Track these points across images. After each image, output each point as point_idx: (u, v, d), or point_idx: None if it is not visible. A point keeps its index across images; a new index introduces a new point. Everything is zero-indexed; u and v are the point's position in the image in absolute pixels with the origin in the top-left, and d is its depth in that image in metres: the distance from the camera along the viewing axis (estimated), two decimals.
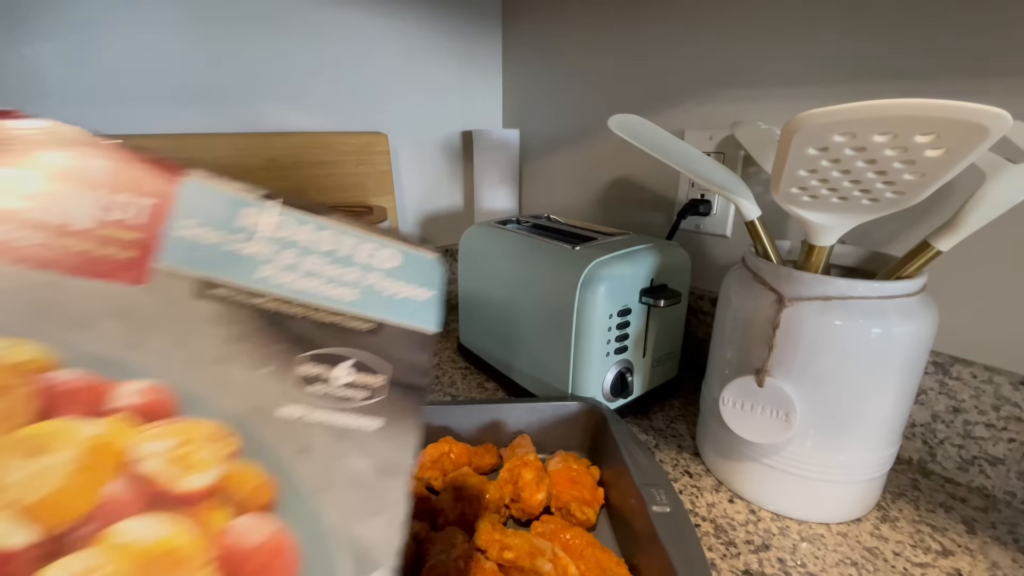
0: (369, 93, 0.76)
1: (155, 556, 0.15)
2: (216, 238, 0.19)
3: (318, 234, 0.21)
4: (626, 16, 0.69)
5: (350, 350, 0.20)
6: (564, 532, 0.37)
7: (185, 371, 0.18)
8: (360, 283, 0.21)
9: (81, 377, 0.17)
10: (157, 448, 0.17)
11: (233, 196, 0.21)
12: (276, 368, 0.19)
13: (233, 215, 0.20)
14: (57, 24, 0.52)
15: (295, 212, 0.21)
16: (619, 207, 0.77)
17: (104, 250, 0.18)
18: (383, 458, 0.19)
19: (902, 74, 0.47)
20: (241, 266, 0.19)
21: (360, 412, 0.20)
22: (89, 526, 0.15)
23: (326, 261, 0.21)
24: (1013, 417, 0.44)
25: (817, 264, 0.42)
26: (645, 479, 0.38)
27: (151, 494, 0.16)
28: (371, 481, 0.19)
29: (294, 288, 0.20)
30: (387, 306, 0.21)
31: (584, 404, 0.49)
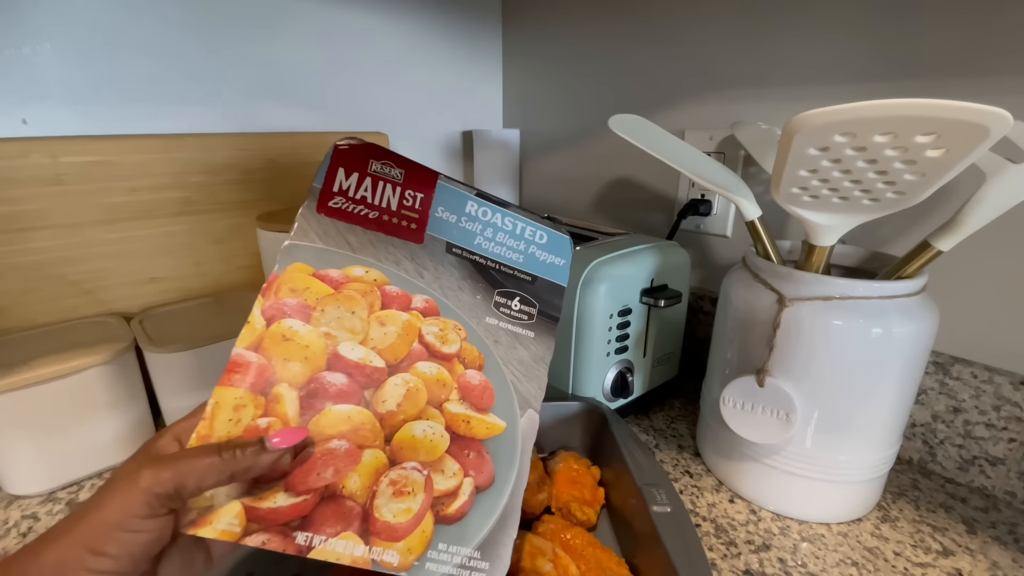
0: (369, 93, 0.76)
1: (434, 379, 0.31)
2: (454, 219, 0.34)
3: (503, 218, 0.35)
4: (626, 16, 0.69)
5: (519, 292, 0.34)
6: (565, 532, 0.37)
7: (441, 293, 0.33)
8: (524, 251, 0.35)
9: (398, 291, 0.32)
10: (432, 329, 0.32)
11: (459, 192, 0.35)
12: (483, 296, 0.34)
13: (461, 204, 0.35)
14: (57, 24, 0.52)
15: (489, 203, 0.35)
16: (619, 207, 0.77)
17: (403, 222, 0.33)
18: (535, 353, 0.33)
19: (902, 74, 0.47)
20: (466, 236, 0.34)
21: (524, 326, 0.34)
22: (406, 362, 0.31)
23: (507, 236, 0.35)
24: (1013, 417, 0.44)
25: (817, 264, 0.42)
26: (645, 479, 0.38)
27: (430, 351, 0.31)
28: (529, 363, 0.33)
29: (491, 252, 0.35)
30: (539, 267, 0.35)
31: (584, 404, 0.48)
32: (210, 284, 0.64)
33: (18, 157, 0.50)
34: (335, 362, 0.29)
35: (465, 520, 0.28)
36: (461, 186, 0.35)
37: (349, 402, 0.28)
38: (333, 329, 0.30)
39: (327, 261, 0.31)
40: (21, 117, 0.52)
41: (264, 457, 0.25)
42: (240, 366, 0.27)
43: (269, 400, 0.27)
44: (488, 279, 0.34)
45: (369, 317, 0.31)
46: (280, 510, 0.25)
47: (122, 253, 0.57)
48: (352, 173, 0.32)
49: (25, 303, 0.52)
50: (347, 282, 0.31)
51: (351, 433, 0.28)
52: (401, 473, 0.28)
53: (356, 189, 0.32)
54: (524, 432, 0.31)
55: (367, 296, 0.31)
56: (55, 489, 0.46)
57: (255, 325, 0.28)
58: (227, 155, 0.62)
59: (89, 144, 0.53)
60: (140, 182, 0.57)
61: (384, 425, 0.29)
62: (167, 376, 0.50)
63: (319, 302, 0.30)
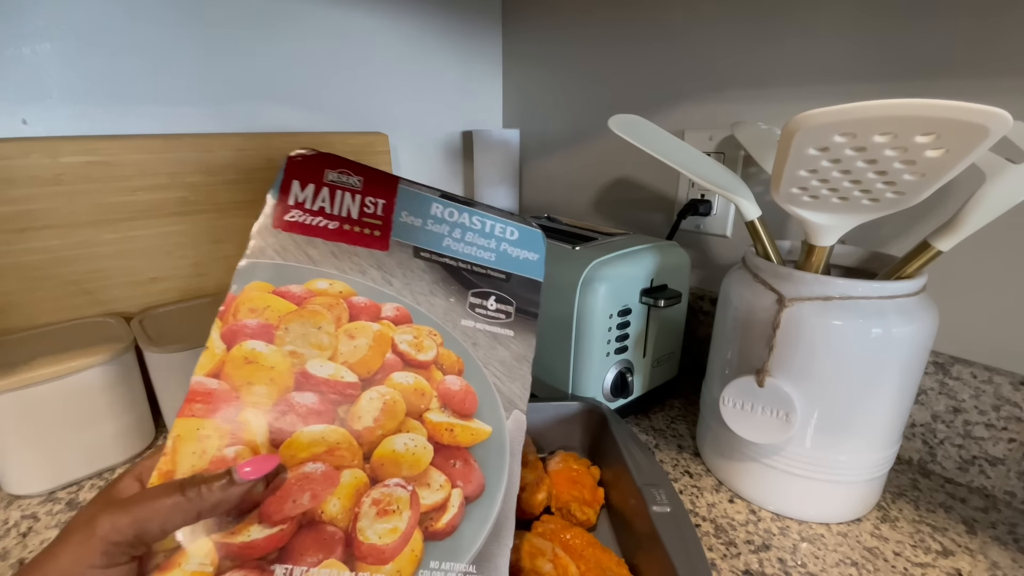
0: (369, 93, 0.76)
1: (412, 389, 0.29)
2: (419, 222, 0.33)
3: (471, 218, 0.34)
4: (626, 16, 0.69)
5: (494, 291, 0.33)
6: (564, 532, 0.37)
7: (412, 299, 0.31)
8: (496, 249, 0.34)
9: (366, 301, 0.31)
10: (406, 338, 0.31)
11: (423, 194, 0.34)
12: (456, 299, 0.32)
13: (426, 207, 0.33)
14: (57, 24, 0.52)
15: (455, 204, 0.34)
16: (619, 207, 0.77)
17: (366, 230, 0.32)
18: (516, 352, 0.33)
19: (902, 74, 0.47)
20: (433, 239, 0.33)
21: (502, 325, 0.33)
22: (380, 374, 0.29)
23: (476, 235, 0.34)
24: (1013, 417, 0.44)
25: (817, 264, 0.42)
26: (645, 479, 0.38)
27: (405, 360, 0.30)
28: (510, 362, 0.32)
29: (461, 253, 0.33)
30: (513, 263, 0.35)
31: (584, 404, 0.48)
32: (210, 284, 0.64)
33: (18, 157, 0.50)
34: (304, 381, 0.28)
35: (457, 533, 0.27)
36: (424, 188, 0.34)
37: (322, 421, 0.27)
38: (299, 347, 0.28)
39: (287, 277, 0.29)
40: (21, 117, 0.52)
41: (234, 490, 0.23)
42: (201, 394, 0.26)
43: (235, 428, 0.26)
44: (461, 281, 0.33)
45: (337, 331, 0.29)
46: (255, 543, 0.24)
47: (122, 253, 0.57)
48: (308, 184, 0.31)
49: (25, 303, 0.52)
50: (310, 297, 0.29)
51: (327, 454, 0.26)
52: (384, 491, 0.27)
53: (313, 200, 0.31)
54: (512, 435, 0.30)
55: (333, 309, 0.30)
56: (55, 489, 0.46)
57: (214, 350, 0.27)
58: (226, 155, 0.62)
59: (89, 144, 0.53)
60: (139, 182, 0.57)
61: (362, 442, 0.27)
62: (167, 376, 0.50)
63: (282, 320, 0.28)
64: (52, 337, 0.49)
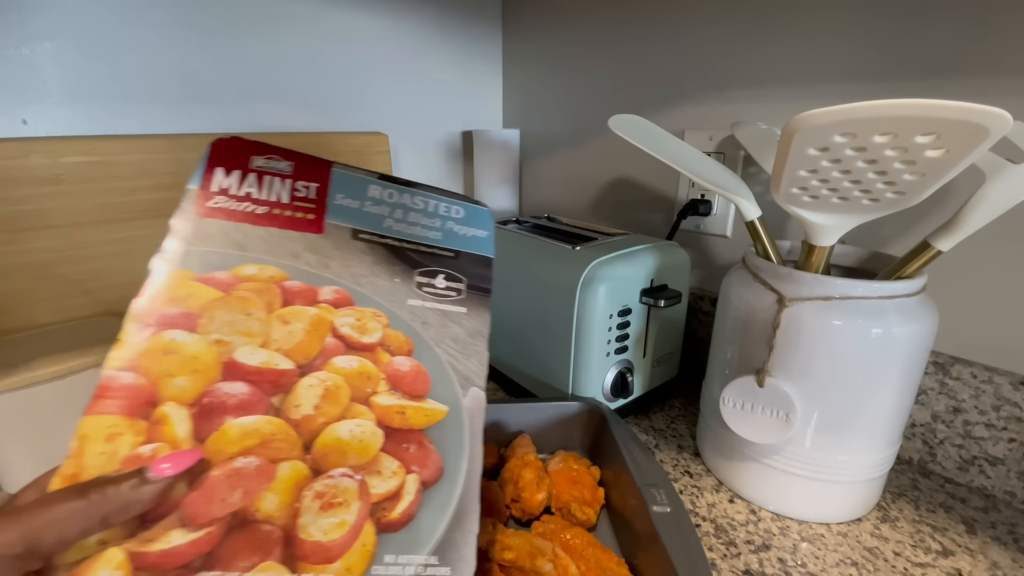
0: (369, 93, 0.76)
1: (357, 373, 0.28)
2: (356, 204, 0.32)
3: (412, 198, 0.33)
4: (626, 16, 0.69)
5: (443, 269, 0.32)
6: (564, 532, 0.37)
7: (353, 281, 0.30)
8: (442, 228, 0.33)
9: (301, 285, 0.29)
10: (347, 321, 0.29)
11: (359, 176, 0.32)
12: (402, 279, 0.31)
13: (363, 188, 0.32)
14: (57, 24, 0.52)
15: (395, 185, 0.33)
16: (619, 207, 0.77)
17: (298, 214, 0.30)
18: (470, 328, 0.31)
19: (902, 74, 0.47)
20: (373, 220, 0.32)
21: (453, 303, 0.32)
22: (320, 359, 0.28)
23: (420, 215, 0.33)
24: (1013, 417, 0.44)
25: (817, 264, 0.42)
26: (645, 479, 0.38)
27: (347, 344, 0.28)
28: (464, 339, 0.31)
29: (404, 233, 0.32)
30: (460, 241, 0.33)
31: (584, 404, 0.49)
32: None
33: (18, 157, 0.50)
34: (232, 371, 0.26)
35: (414, 523, 0.25)
36: (361, 172, 0.33)
37: (254, 412, 0.25)
38: (226, 335, 0.26)
39: (212, 264, 0.28)
40: (21, 117, 0.52)
41: (145, 490, 0.21)
42: (111, 389, 0.24)
43: (152, 423, 0.23)
44: (406, 261, 0.31)
45: (269, 317, 0.27)
46: (177, 550, 0.21)
47: (122, 253, 0.57)
48: (233, 171, 0.30)
49: (25, 303, 0.52)
50: (238, 283, 0.28)
51: (261, 447, 0.24)
52: (329, 483, 0.25)
53: (239, 186, 0.29)
54: (471, 412, 0.29)
55: (264, 295, 0.28)
56: None
57: (126, 342, 0.25)
58: None
59: (89, 144, 0.53)
60: (140, 182, 0.57)
61: (301, 432, 0.25)
62: None
63: (205, 308, 0.26)
64: (52, 337, 0.49)
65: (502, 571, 0.35)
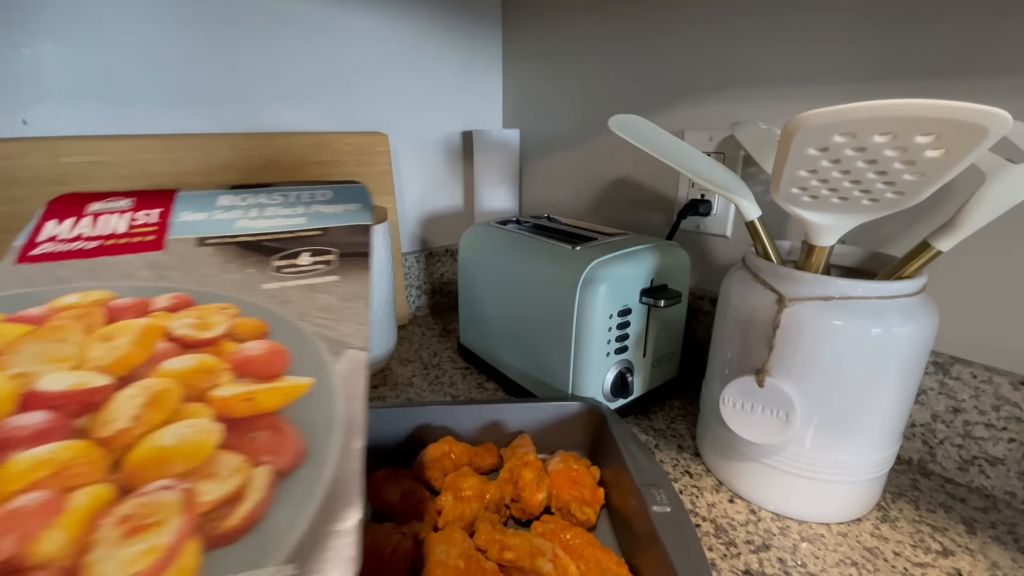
0: (369, 93, 0.76)
1: (193, 371, 0.26)
2: (203, 216, 0.32)
3: (269, 195, 0.34)
4: (626, 16, 0.69)
5: (307, 247, 0.32)
6: (564, 532, 0.37)
7: (197, 283, 0.29)
8: (306, 213, 0.34)
9: (131, 300, 0.28)
10: (185, 322, 0.28)
11: (207, 193, 0.34)
12: (257, 268, 0.30)
13: (211, 201, 0.33)
14: (57, 24, 0.52)
15: (249, 191, 0.34)
16: (619, 207, 0.77)
17: (135, 240, 0.31)
18: (345, 293, 0.30)
19: (902, 74, 0.47)
20: (223, 224, 0.32)
21: (323, 275, 0.30)
22: (147, 367, 0.26)
23: (278, 208, 0.34)
24: (1013, 417, 0.44)
25: (817, 264, 0.42)
26: (645, 479, 0.38)
27: (184, 344, 0.27)
28: (337, 305, 0.29)
29: (259, 228, 0.32)
30: (329, 219, 0.33)
31: (584, 404, 0.49)
32: None
33: (18, 157, 0.50)
34: (31, 401, 0.24)
35: (263, 525, 0.21)
36: (213, 190, 0.34)
37: (51, 440, 0.22)
38: (30, 367, 0.25)
39: (26, 303, 0.27)
40: (21, 117, 0.52)
41: None
42: None
43: None
44: (261, 251, 0.31)
45: (88, 338, 0.26)
46: None
47: None
48: (65, 220, 0.30)
49: None
50: (54, 314, 0.27)
51: (53, 478, 0.21)
52: (140, 502, 0.21)
53: (71, 229, 0.30)
54: (346, 376, 0.26)
55: (84, 319, 0.27)
56: None
57: None
58: (226, 155, 0.62)
59: (89, 144, 0.53)
60: (139, 182, 0.57)
61: (112, 449, 0.23)
62: None
63: (9, 346, 0.25)
64: None
65: (502, 571, 0.35)
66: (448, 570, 0.32)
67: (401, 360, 0.72)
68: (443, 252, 0.89)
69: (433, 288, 0.90)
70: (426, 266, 0.87)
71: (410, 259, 0.85)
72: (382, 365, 0.69)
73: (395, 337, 0.70)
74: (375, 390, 0.64)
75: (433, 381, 0.66)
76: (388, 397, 0.63)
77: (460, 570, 0.33)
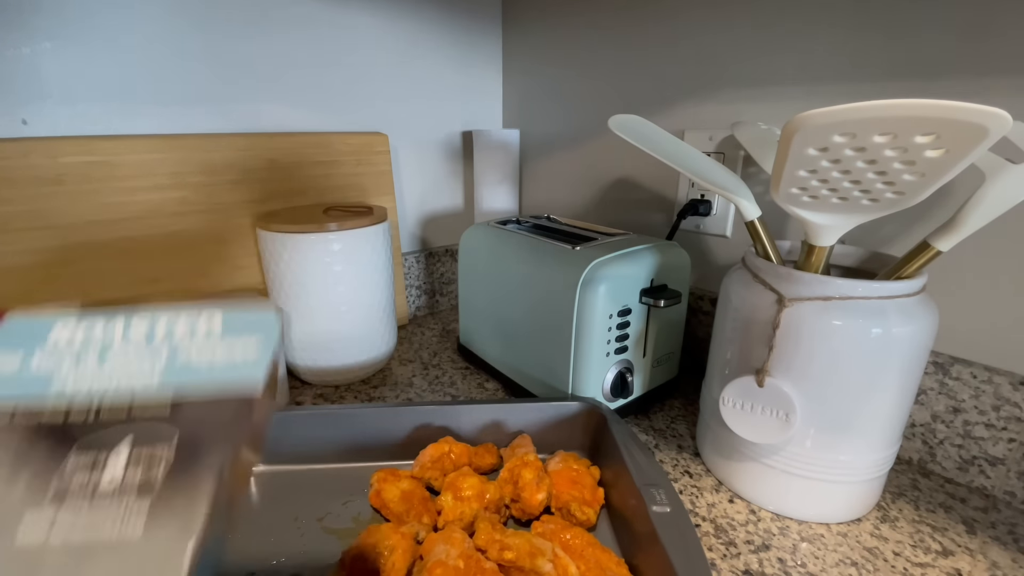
0: (369, 93, 0.76)
1: None
2: (16, 363, 0.20)
3: (126, 326, 0.21)
4: (626, 16, 0.69)
5: (137, 439, 0.19)
6: (564, 532, 0.37)
7: None
8: (170, 359, 0.21)
9: None
10: None
11: (43, 319, 0.21)
12: (35, 478, 0.18)
13: (41, 333, 0.21)
14: (57, 24, 0.52)
15: (104, 314, 0.21)
16: (619, 207, 0.77)
17: None
18: (153, 546, 0.17)
19: (902, 74, 0.47)
20: (32, 385, 0.20)
21: (130, 506, 0.17)
22: None
23: (130, 349, 0.21)
24: (1013, 417, 0.44)
25: (817, 264, 0.42)
26: (645, 479, 0.38)
27: None
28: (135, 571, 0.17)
29: (84, 390, 0.20)
30: (194, 377, 0.20)
31: (584, 404, 0.49)
32: (210, 284, 0.64)
33: (18, 157, 0.50)
34: None
35: None
36: (53, 312, 0.22)
37: None
38: None
39: None
40: (21, 117, 0.52)
41: None
42: None
43: None
44: (61, 440, 0.19)
45: None
46: None
47: (122, 253, 0.57)
48: None
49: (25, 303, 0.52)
50: None
51: None
52: None
53: None
54: None
55: None
56: None
57: None
58: (227, 155, 0.62)
59: (89, 144, 0.53)
60: (139, 182, 0.57)
61: None
62: None
63: None
64: None
65: (502, 571, 0.35)
66: (448, 570, 0.32)
67: (401, 360, 0.72)
68: (443, 252, 0.89)
69: (433, 288, 0.90)
70: (426, 266, 0.87)
71: (410, 259, 0.85)
72: (382, 365, 0.69)
73: (395, 337, 0.70)
74: (375, 390, 0.64)
75: (433, 381, 0.66)
76: (388, 397, 0.63)
77: (460, 570, 0.33)
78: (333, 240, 0.58)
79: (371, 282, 0.63)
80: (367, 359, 0.65)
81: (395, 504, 0.41)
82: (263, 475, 0.47)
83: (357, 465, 0.47)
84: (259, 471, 0.47)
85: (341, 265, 0.59)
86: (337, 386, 0.65)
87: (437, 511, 0.41)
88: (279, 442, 0.47)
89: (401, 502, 0.41)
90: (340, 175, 0.72)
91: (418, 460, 0.45)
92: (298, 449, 0.47)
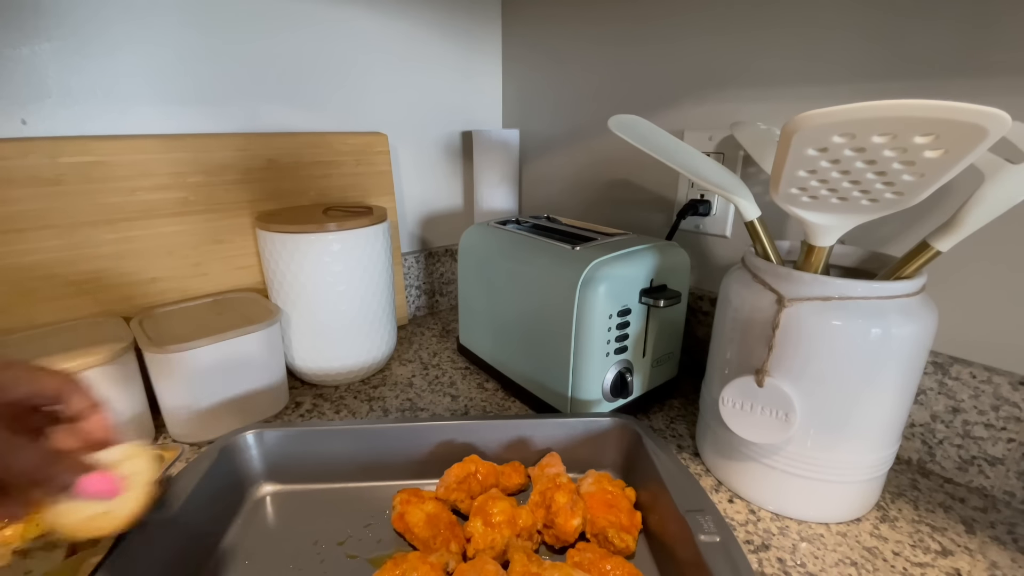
0: (369, 93, 0.76)
1: None
2: None
3: None
4: (626, 16, 0.69)
5: None
6: (603, 562, 0.34)
7: None
8: None
9: None
10: None
11: None
12: None
13: None
14: (57, 24, 0.52)
15: None
16: (619, 207, 0.77)
17: None
18: None
19: (902, 74, 0.47)
20: None
21: None
22: None
23: None
24: (1012, 417, 0.44)
25: (817, 264, 0.42)
26: (688, 504, 0.36)
27: None
28: None
29: None
30: None
31: (616, 420, 0.46)
32: (210, 284, 0.64)
33: (18, 157, 0.50)
34: None
35: None
36: None
37: None
38: None
39: None
40: (21, 117, 0.52)
41: None
42: None
43: None
44: None
45: None
46: None
47: (122, 253, 0.57)
48: None
49: (25, 303, 0.52)
50: None
51: None
52: None
53: None
54: None
55: None
56: None
57: None
58: (226, 155, 0.62)
59: (89, 144, 0.53)
60: (139, 182, 0.57)
61: None
62: (167, 376, 0.50)
63: None
64: (52, 337, 0.49)
65: None
66: None
67: (401, 360, 0.72)
68: (443, 252, 0.89)
69: (433, 288, 0.90)
70: (426, 266, 0.87)
71: (410, 259, 0.85)
72: (382, 365, 0.69)
73: (395, 337, 0.70)
74: (375, 390, 0.64)
75: (433, 381, 0.66)
76: (388, 397, 0.63)
77: None
78: (333, 240, 0.58)
79: (371, 282, 0.63)
80: (367, 359, 0.65)
81: (420, 529, 0.38)
82: (280, 495, 0.45)
83: (377, 484, 0.46)
84: (276, 491, 0.45)
85: (341, 265, 0.59)
86: (337, 386, 0.65)
87: (466, 537, 0.38)
88: (296, 460, 0.45)
89: (427, 527, 0.38)
90: (340, 175, 0.72)
91: (443, 481, 0.43)
92: (315, 467, 0.45)
